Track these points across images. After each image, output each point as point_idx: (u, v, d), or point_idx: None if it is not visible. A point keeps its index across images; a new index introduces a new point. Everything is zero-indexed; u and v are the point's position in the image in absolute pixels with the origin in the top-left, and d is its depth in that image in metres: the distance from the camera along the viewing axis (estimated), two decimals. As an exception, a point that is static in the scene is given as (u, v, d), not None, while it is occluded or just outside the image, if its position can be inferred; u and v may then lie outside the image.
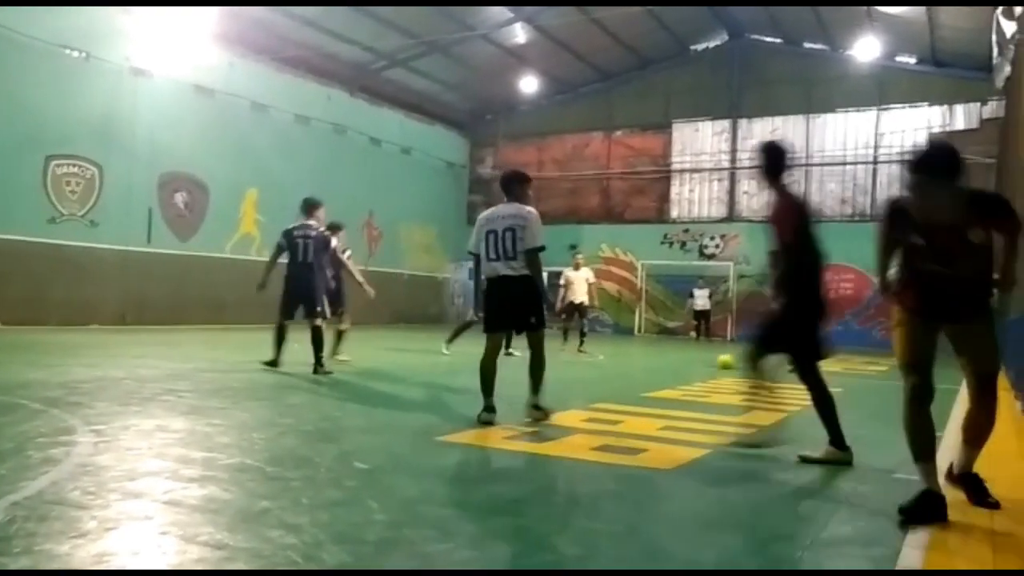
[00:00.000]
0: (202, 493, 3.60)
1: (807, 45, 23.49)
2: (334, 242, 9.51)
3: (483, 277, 6.18)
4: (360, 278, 10.30)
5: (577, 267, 15.04)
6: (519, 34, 22.41)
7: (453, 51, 22.57)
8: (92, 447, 4.46)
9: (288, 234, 8.91)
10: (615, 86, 25.88)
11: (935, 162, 3.62)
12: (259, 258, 17.20)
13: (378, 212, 23.50)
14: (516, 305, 6.07)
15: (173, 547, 2.89)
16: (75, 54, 15.77)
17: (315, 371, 8.59)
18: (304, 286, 8.78)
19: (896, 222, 3.77)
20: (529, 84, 24.60)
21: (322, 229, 9.13)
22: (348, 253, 10.45)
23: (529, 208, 6.20)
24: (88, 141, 15.99)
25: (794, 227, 4.86)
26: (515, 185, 6.32)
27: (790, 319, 4.87)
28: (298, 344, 9.25)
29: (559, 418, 6.23)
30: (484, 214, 6.26)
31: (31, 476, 3.74)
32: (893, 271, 3.88)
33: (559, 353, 12.62)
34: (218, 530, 3.07)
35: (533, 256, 6.02)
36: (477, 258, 6.19)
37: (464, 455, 4.86)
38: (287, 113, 20.42)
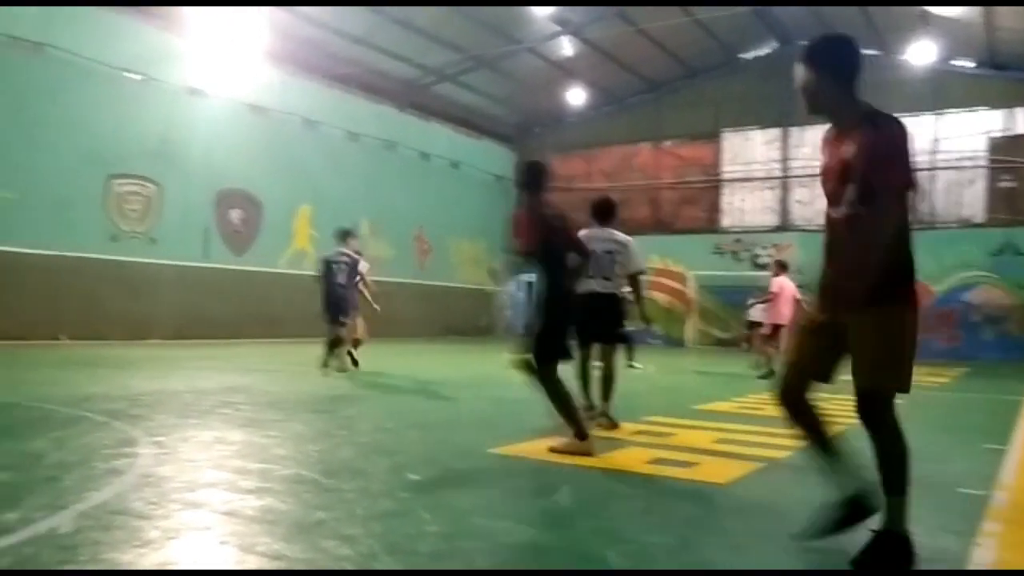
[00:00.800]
0: (259, 504, 3.65)
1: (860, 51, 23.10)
2: (363, 265, 11.15)
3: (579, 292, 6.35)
4: (368, 296, 11.38)
5: None
6: (566, 47, 22.46)
7: (500, 65, 22.72)
8: (153, 458, 4.57)
9: (325, 261, 10.61)
10: (663, 96, 25.78)
11: None
12: (312, 273, 17.59)
13: (428, 226, 23.70)
14: (602, 319, 6.55)
15: (232, 557, 2.95)
16: (135, 77, 16.26)
17: (327, 364, 10.12)
18: (336, 302, 10.35)
19: None
20: (576, 96, 24.64)
21: (352, 254, 10.76)
22: (364, 266, 11.47)
23: (625, 235, 6.89)
24: (147, 160, 16.45)
25: (537, 240, 5.33)
26: (610, 213, 7.02)
27: (543, 325, 5.26)
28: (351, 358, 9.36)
29: (611, 431, 6.19)
30: (581, 235, 6.45)
31: (96, 487, 3.84)
32: None
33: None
34: (275, 540, 3.11)
35: (636, 278, 6.91)
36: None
37: (516, 467, 4.86)
38: (338, 130, 20.74)
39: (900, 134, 2.97)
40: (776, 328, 12.87)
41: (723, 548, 3.38)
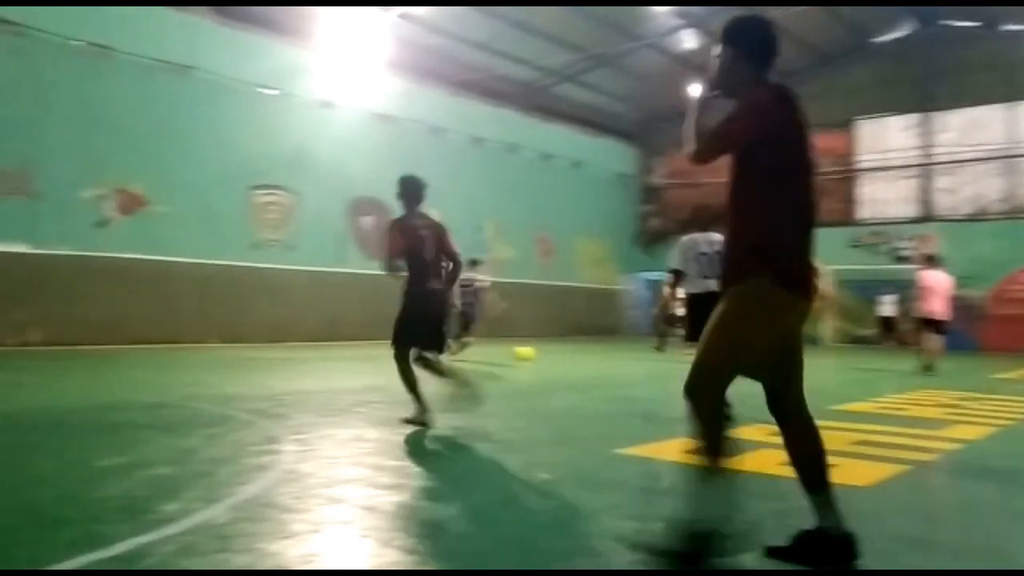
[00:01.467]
0: (396, 500, 3.78)
1: (1006, 27, 21.55)
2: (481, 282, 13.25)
3: (690, 292, 6.87)
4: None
5: None
6: (688, 40, 22.06)
7: (621, 63, 22.57)
8: (296, 455, 4.80)
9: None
10: (793, 86, 24.56)
11: None
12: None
13: (551, 227, 23.81)
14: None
15: (371, 551, 3.07)
16: (271, 93, 17.13)
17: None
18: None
19: None
20: (700, 89, 24.10)
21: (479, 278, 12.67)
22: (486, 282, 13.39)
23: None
24: (284, 171, 17.30)
25: (400, 248, 6.23)
26: (711, 220, 7.27)
27: (399, 314, 6.21)
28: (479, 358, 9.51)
29: (742, 432, 6.04)
30: (686, 240, 7.14)
31: (245, 481, 4.08)
32: None
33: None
34: (411, 536, 3.22)
35: None
36: (678, 275, 6.95)
37: (644, 468, 4.82)
38: (462, 135, 21.15)
39: (764, 99, 2.98)
40: (926, 322, 12.24)
41: (867, 553, 3.24)
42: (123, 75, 14.87)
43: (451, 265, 6.44)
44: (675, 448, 5.36)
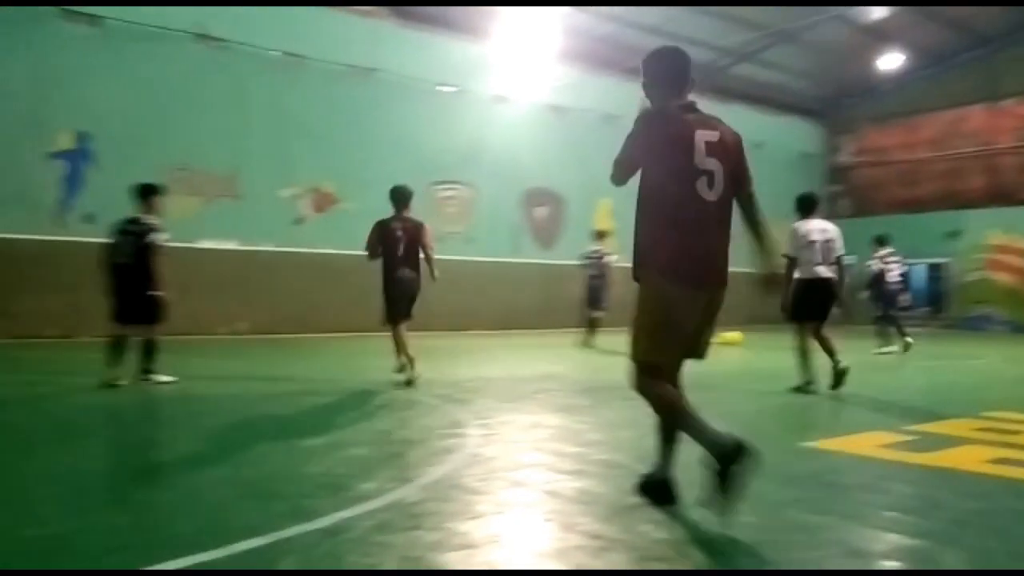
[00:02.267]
0: (577, 485, 3.86)
1: None
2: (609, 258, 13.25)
3: (800, 277, 7.52)
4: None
5: None
6: (877, 10, 20.65)
7: (803, 37, 21.47)
8: (480, 439, 5.00)
9: (584, 257, 13.07)
10: (998, 50, 22.70)
11: None
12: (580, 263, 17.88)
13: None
14: (824, 301, 7.64)
15: (554, 534, 3.15)
16: (448, 90, 17.72)
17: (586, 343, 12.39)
18: (593, 292, 13.21)
19: None
20: (891, 60, 22.56)
21: (603, 251, 13.14)
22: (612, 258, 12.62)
23: (833, 224, 7.92)
24: (462, 166, 17.87)
25: (375, 243, 8.25)
26: (814, 206, 8.02)
27: (386, 297, 8.25)
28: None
29: (943, 426, 5.66)
30: (800, 226, 7.69)
31: (434, 463, 4.30)
32: None
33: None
34: (594, 521, 3.27)
35: (841, 262, 7.86)
36: (792, 261, 7.47)
37: (833, 462, 4.62)
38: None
39: (640, 125, 3.65)
40: None
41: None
42: (313, 81, 15.88)
43: (427, 256, 8.40)
44: (866, 442, 5.11)
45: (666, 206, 3.45)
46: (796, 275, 7.49)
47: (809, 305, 7.55)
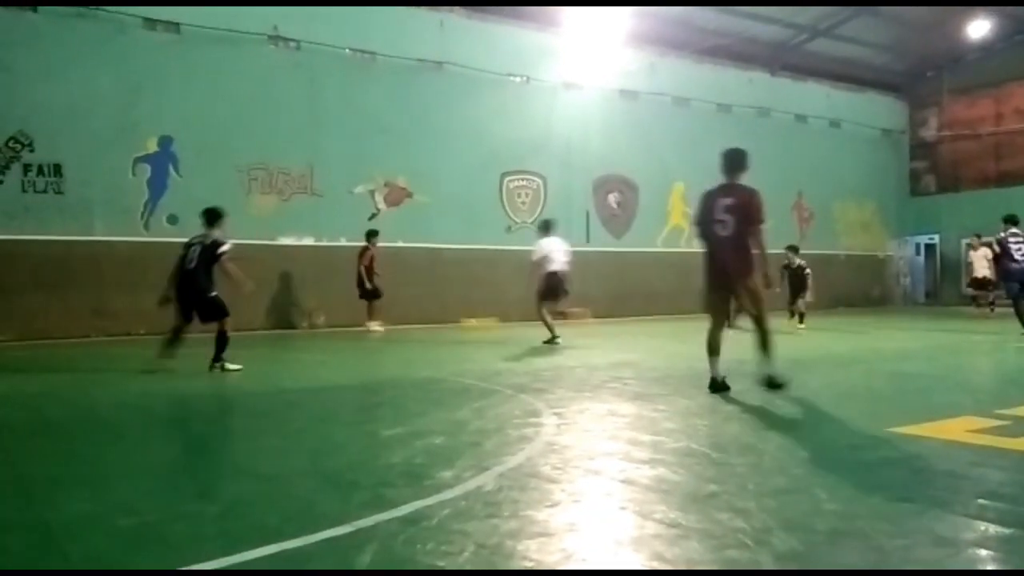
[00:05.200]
0: (653, 474, 3.83)
1: None
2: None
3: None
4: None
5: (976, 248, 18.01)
6: (961, -26, 19.77)
7: (882, 10, 20.71)
8: (555, 428, 5.01)
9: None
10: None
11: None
12: (688, 249, 17.65)
13: (808, 192, 22.53)
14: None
15: (631, 522, 3.14)
16: (517, 80, 17.72)
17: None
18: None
19: None
20: (979, 28, 21.55)
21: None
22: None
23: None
24: (532, 156, 17.85)
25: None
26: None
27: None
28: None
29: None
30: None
31: (511, 452, 4.33)
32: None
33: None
34: (670, 509, 3.25)
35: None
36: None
37: (921, 448, 4.46)
38: (708, 104, 20.57)
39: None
40: None
41: None
42: (384, 77, 16.09)
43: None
44: (956, 427, 4.93)
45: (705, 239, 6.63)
46: None
47: None
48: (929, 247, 24.83)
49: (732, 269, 6.27)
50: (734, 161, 6.67)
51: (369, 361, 10.19)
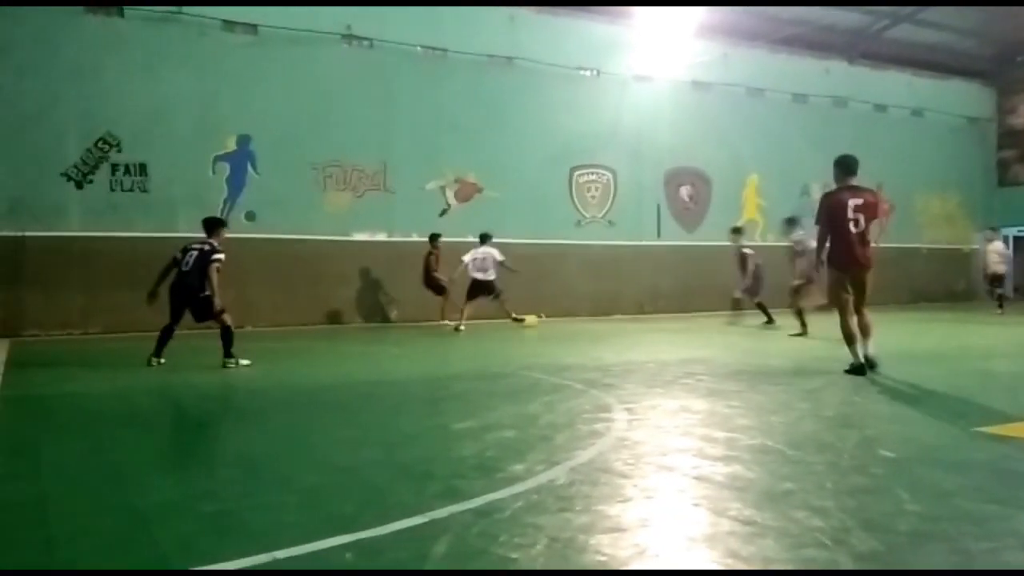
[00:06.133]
0: (727, 471, 3.78)
1: None
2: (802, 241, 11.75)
3: None
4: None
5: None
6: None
7: (967, -7, 19.89)
8: (627, 423, 4.99)
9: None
10: None
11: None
12: (763, 243, 17.31)
13: (888, 183, 21.77)
14: None
15: (705, 519, 3.11)
16: (587, 73, 17.63)
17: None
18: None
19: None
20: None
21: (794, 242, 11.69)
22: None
23: None
24: (602, 149, 17.74)
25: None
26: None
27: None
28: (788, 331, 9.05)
29: None
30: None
31: (582, 446, 4.33)
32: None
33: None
34: (745, 507, 3.20)
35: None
36: None
37: (1008, 449, 4.30)
38: (784, 94, 20.10)
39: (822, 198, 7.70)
40: None
41: None
42: (455, 73, 16.20)
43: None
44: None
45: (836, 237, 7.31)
46: None
47: None
48: (1018, 240, 23.76)
49: (864, 261, 7.19)
50: (852, 165, 7.48)
51: (443, 356, 10.29)
